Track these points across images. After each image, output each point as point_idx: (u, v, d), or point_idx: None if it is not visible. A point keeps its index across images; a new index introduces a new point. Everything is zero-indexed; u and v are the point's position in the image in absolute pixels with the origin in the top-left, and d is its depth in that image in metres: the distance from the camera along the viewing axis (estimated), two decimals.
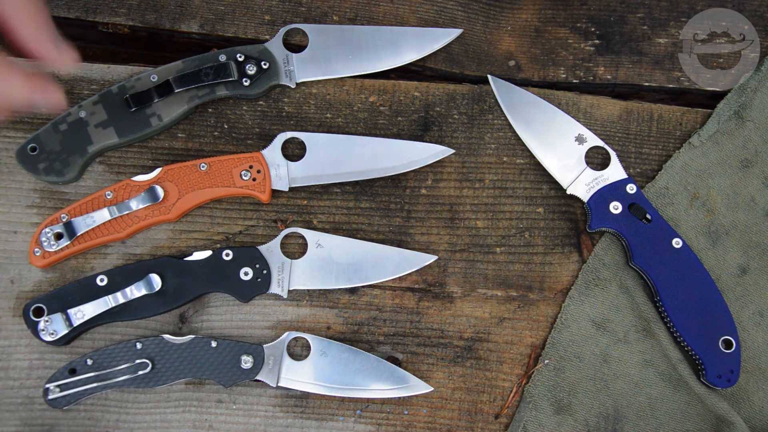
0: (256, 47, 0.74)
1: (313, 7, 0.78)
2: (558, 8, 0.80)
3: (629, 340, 0.71)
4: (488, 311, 0.72)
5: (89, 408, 0.69)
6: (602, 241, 0.73)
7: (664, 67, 0.78)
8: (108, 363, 0.67)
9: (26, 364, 0.69)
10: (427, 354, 0.71)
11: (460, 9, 0.79)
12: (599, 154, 0.74)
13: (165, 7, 0.78)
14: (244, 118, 0.75)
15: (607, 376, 0.71)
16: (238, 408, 0.69)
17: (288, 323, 0.71)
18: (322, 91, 0.76)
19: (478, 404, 0.70)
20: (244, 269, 0.70)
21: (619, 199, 0.72)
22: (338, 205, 0.74)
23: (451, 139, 0.75)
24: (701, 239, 0.73)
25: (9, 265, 0.71)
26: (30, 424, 0.68)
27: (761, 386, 0.71)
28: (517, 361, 0.71)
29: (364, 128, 0.76)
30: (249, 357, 0.67)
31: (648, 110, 0.77)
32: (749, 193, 0.75)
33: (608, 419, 0.70)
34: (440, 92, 0.76)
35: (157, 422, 0.69)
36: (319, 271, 0.71)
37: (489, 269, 0.73)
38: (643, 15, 0.79)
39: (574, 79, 0.78)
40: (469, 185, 0.75)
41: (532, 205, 0.74)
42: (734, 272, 0.73)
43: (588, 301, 0.72)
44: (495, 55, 0.78)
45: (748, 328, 0.72)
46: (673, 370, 0.71)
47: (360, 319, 0.72)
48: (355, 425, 0.69)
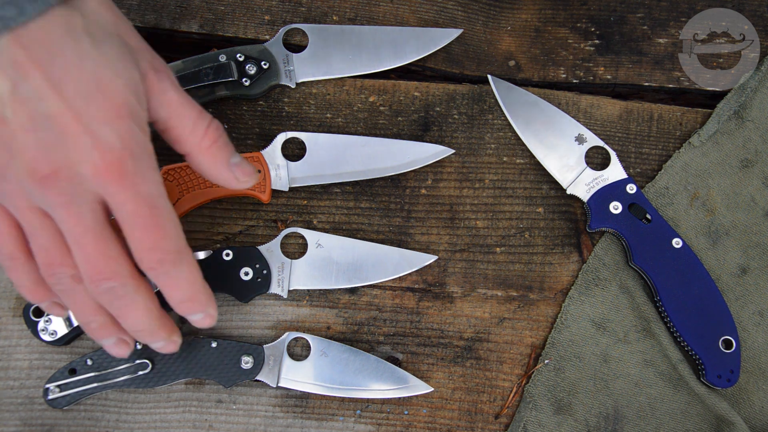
0: (256, 47, 0.74)
1: (313, 7, 0.78)
2: (558, 8, 0.80)
3: (629, 340, 0.71)
4: (488, 311, 0.72)
5: (89, 408, 0.69)
6: (602, 241, 0.73)
7: (664, 67, 0.78)
8: (108, 363, 0.67)
9: (26, 364, 0.69)
10: (427, 354, 0.71)
11: (460, 9, 0.79)
12: (599, 154, 0.74)
13: (165, 7, 0.78)
14: (244, 118, 0.75)
15: (607, 376, 0.71)
16: (238, 408, 0.69)
17: (288, 323, 0.71)
18: (322, 91, 0.76)
19: (478, 404, 0.70)
20: (244, 269, 0.70)
21: (619, 199, 0.72)
22: (338, 205, 0.74)
23: (451, 139, 0.75)
24: (701, 239, 0.73)
25: None
26: (30, 424, 0.68)
27: (761, 386, 0.71)
28: (517, 361, 0.71)
29: (364, 128, 0.76)
30: (249, 357, 0.67)
31: (648, 110, 0.77)
32: (749, 193, 0.75)
33: (608, 419, 0.70)
34: (440, 92, 0.76)
35: (157, 422, 0.69)
36: (319, 271, 0.71)
37: (489, 269, 0.73)
38: (643, 15, 0.79)
39: (574, 79, 0.78)
40: (469, 185, 0.75)
41: (532, 205, 0.74)
42: (734, 272, 0.73)
43: (588, 301, 0.72)
44: (495, 55, 0.79)
45: (748, 328, 0.72)
46: (673, 370, 0.71)
47: (360, 319, 0.72)
48: (355, 425, 0.70)
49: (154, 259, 0.54)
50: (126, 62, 0.53)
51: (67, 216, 0.51)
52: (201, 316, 0.59)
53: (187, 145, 0.58)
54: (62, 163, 0.50)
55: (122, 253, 0.54)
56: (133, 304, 0.55)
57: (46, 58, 0.49)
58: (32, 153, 0.49)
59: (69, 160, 0.50)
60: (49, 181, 0.50)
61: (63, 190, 0.50)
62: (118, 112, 0.51)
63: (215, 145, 0.58)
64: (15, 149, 0.49)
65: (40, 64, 0.48)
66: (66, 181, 0.50)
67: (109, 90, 0.51)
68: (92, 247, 0.52)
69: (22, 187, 0.51)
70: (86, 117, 0.49)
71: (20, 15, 0.47)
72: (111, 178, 0.50)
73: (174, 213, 0.54)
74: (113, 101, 0.51)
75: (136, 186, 0.51)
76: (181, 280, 0.56)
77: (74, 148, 0.50)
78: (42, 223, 0.53)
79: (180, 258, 0.55)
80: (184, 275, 0.56)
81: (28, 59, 0.48)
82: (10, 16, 0.47)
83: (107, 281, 0.53)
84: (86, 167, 0.50)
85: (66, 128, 0.49)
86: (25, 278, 0.57)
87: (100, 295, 0.54)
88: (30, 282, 0.57)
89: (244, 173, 0.61)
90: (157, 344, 0.60)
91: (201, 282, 0.58)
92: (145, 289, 0.56)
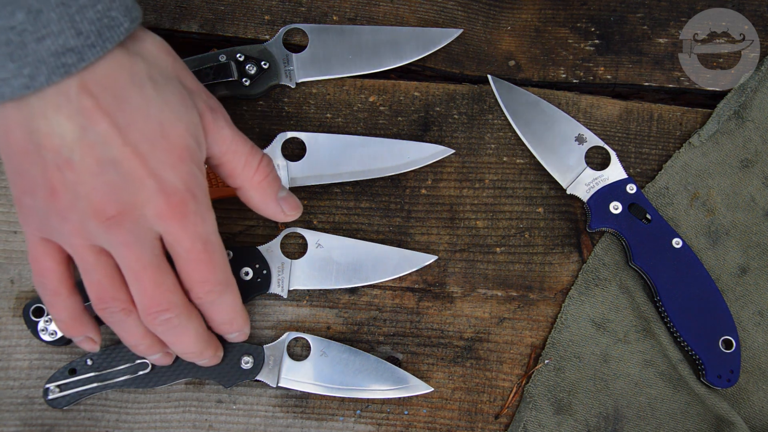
0: (256, 47, 0.74)
1: (313, 7, 0.78)
2: (558, 8, 0.80)
3: (629, 340, 0.71)
4: (488, 311, 0.72)
5: (89, 408, 0.69)
6: (602, 241, 0.73)
7: (664, 67, 0.78)
8: (108, 363, 0.67)
9: (26, 364, 0.69)
10: (427, 354, 0.71)
11: (460, 9, 0.79)
12: (599, 154, 0.74)
13: (165, 7, 0.78)
14: (244, 118, 0.75)
15: (607, 376, 0.71)
16: (238, 408, 0.69)
17: (288, 323, 0.71)
18: (322, 91, 0.76)
19: (478, 404, 0.70)
20: (244, 269, 0.70)
21: (619, 199, 0.72)
22: (338, 205, 0.74)
23: (451, 139, 0.75)
24: (701, 239, 0.73)
25: (9, 265, 0.71)
26: (30, 424, 0.68)
27: (761, 386, 0.71)
28: (517, 361, 0.71)
29: (364, 128, 0.76)
30: (249, 357, 0.67)
31: (648, 110, 0.77)
32: (749, 193, 0.75)
33: (608, 419, 0.70)
34: (440, 92, 0.76)
35: (157, 422, 0.69)
36: (319, 271, 0.71)
37: (489, 269, 0.73)
38: (643, 15, 0.79)
39: (574, 79, 0.78)
40: (469, 185, 0.75)
41: (532, 205, 0.74)
42: (734, 272, 0.73)
43: (588, 301, 0.72)
44: (495, 55, 0.79)
45: (748, 328, 0.72)
46: (673, 370, 0.71)
47: (360, 319, 0.72)
48: (355, 425, 0.70)
49: (204, 291, 0.58)
50: (186, 106, 0.55)
51: (129, 253, 0.54)
52: (236, 335, 0.65)
53: (240, 180, 0.61)
54: (128, 205, 0.52)
55: (176, 285, 0.57)
56: (185, 332, 0.59)
57: (114, 105, 0.51)
58: (99, 195, 0.52)
59: (134, 203, 0.52)
60: (115, 221, 0.52)
61: (127, 230, 0.53)
62: (180, 156, 0.54)
63: (266, 180, 0.62)
64: (81, 192, 0.52)
65: (108, 111, 0.51)
66: (131, 222, 0.53)
67: (171, 135, 0.53)
68: (150, 282, 0.55)
69: (84, 227, 0.53)
70: (151, 161, 0.52)
71: (80, 61, 0.50)
72: (173, 219, 0.54)
73: (223, 247, 0.58)
74: (176, 145, 0.54)
75: (196, 226, 0.55)
76: (224, 306, 0.60)
77: (140, 191, 0.52)
78: (98, 260, 0.55)
79: (226, 288, 0.59)
80: (228, 303, 0.60)
81: (96, 106, 0.51)
82: (71, 62, 0.49)
83: (164, 313, 0.56)
84: (151, 209, 0.53)
85: (132, 172, 0.52)
86: (65, 314, 0.60)
87: (156, 326, 0.57)
88: (69, 318, 0.60)
89: (291, 207, 0.65)
90: (202, 362, 0.64)
91: (241, 307, 0.63)
92: (196, 317, 0.60)
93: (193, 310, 0.59)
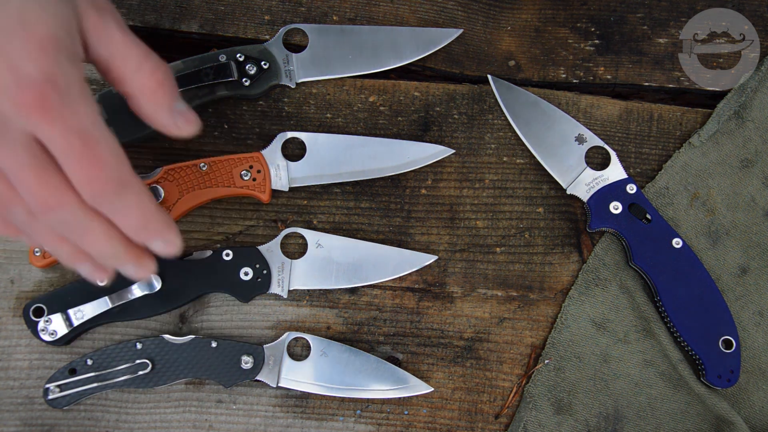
0: (256, 47, 0.74)
1: (313, 7, 0.78)
2: (558, 8, 0.80)
3: (629, 340, 0.71)
4: (488, 311, 0.72)
5: (89, 408, 0.69)
6: (602, 241, 0.73)
7: (664, 67, 0.78)
8: (108, 363, 0.67)
9: (26, 364, 0.69)
10: (427, 354, 0.71)
11: (460, 9, 0.79)
12: (599, 154, 0.74)
13: (165, 7, 0.78)
14: (244, 118, 0.75)
15: (607, 376, 0.71)
16: (239, 408, 0.69)
17: (288, 323, 0.71)
18: (322, 91, 0.76)
19: (478, 404, 0.71)
20: (244, 269, 0.70)
21: (619, 199, 0.72)
22: (338, 205, 0.74)
23: (451, 139, 0.75)
24: (701, 239, 0.73)
25: (9, 265, 0.71)
26: (30, 424, 0.68)
27: (761, 386, 0.71)
28: (517, 361, 0.71)
29: (364, 128, 0.76)
30: (249, 357, 0.67)
31: (648, 110, 0.77)
32: (749, 193, 0.75)
33: (608, 419, 0.70)
34: (440, 92, 0.76)
35: (157, 422, 0.69)
36: (319, 271, 0.71)
37: (489, 269, 0.73)
38: (643, 15, 0.79)
39: (574, 79, 0.78)
40: (469, 185, 0.75)
41: (532, 205, 0.74)
42: (734, 272, 0.73)
43: (588, 301, 0.72)
44: (495, 55, 0.79)
45: (748, 328, 0.72)
46: (674, 370, 0.71)
47: (360, 319, 0.72)
48: (355, 425, 0.70)
49: (93, 191, 0.52)
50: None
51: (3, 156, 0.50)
52: (160, 243, 0.57)
53: (129, 86, 0.56)
54: None
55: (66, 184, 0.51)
56: (90, 231, 0.53)
57: None
58: None
59: None
60: None
61: None
62: (41, 46, 0.49)
63: (160, 88, 0.56)
64: None
65: None
66: None
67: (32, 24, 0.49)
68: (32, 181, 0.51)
69: None
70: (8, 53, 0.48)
71: None
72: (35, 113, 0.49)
73: (114, 143, 0.52)
74: (38, 35, 0.49)
75: (64, 119, 0.49)
76: (127, 208, 0.53)
77: None
78: None
79: (122, 187, 0.52)
80: (132, 203, 0.53)
81: None
82: None
83: (54, 211, 0.52)
84: (7, 104, 0.48)
85: None
86: None
87: (55, 228, 0.53)
88: None
89: (187, 121, 0.58)
90: (127, 270, 0.57)
91: (154, 208, 0.55)
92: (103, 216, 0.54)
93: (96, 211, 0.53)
